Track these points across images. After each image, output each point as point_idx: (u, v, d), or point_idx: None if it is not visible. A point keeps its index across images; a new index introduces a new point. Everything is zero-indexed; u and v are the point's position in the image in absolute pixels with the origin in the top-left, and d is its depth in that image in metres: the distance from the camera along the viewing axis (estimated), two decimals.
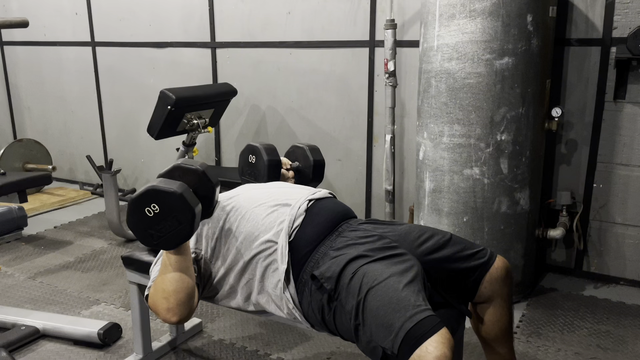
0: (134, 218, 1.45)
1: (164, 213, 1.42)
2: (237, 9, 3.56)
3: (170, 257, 1.48)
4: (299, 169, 2.08)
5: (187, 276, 1.49)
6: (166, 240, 1.45)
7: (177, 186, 1.43)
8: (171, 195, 1.42)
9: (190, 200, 1.43)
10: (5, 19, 3.23)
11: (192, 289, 1.50)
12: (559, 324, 2.41)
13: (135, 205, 1.44)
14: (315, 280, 1.44)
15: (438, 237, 1.56)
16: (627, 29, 2.53)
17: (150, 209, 1.43)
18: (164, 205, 1.42)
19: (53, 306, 2.61)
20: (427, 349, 1.17)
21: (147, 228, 1.44)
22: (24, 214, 3.44)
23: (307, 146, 2.08)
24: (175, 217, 1.42)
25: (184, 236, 1.44)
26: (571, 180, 2.81)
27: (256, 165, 1.96)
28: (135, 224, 1.46)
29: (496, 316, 1.57)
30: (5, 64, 4.90)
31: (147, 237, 1.46)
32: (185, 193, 1.43)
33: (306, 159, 2.07)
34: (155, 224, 1.43)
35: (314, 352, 2.21)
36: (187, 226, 1.43)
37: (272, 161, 1.94)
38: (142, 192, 1.43)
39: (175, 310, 1.48)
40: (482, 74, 2.31)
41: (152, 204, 1.42)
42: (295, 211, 1.56)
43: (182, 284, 1.47)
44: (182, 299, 1.47)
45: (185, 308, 1.49)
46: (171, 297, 1.47)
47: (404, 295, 1.27)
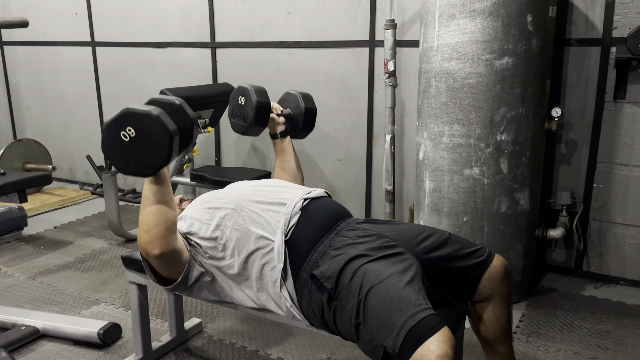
0: (109, 144, 1.40)
1: (140, 136, 1.37)
2: (237, 9, 3.56)
3: (150, 187, 1.45)
4: (290, 115, 2.05)
5: (167, 209, 1.45)
6: (144, 166, 1.40)
7: (153, 108, 1.39)
8: (147, 116, 1.36)
9: (166, 122, 1.37)
10: (5, 19, 3.23)
11: (172, 222, 1.47)
12: (559, 324, 2.41)
13: (110, 130, 1.39)
14: (315, 280, 1.44)
15: (437, 236, 1.56)
16: (627, 29, 2.53)
17: (126, 133, 1.38)
18: (140, 128, 1.37)
19: (53, 306, 2.61)
20: (429, 348, 1.18)
21: (125, 154, 1.39)
22: (24, 214, 3.44)
23: (299, 93, 2.06)
24: (151, 140, 1.37)
25: (161, 160, 1.39)
26: (571, 180, 2.81)
27: (245, 106, 1.91)
28: (112, 150, 1.40)
29: (495, 315, 1.57)
30: (5, 64, 4.90)
31: (124, 164, 1.40)
32: (161, 115, 1.38)
33: (298, 106, 2.04)
34: (132, 148, 1.38)
35: (313, 352, 2.21)
36: (164, 149, 1.37)
37: (261, 103, 1.89)
38: (117, 116, 1.38)
39: (155, 243, 1.44)
40: (482, 74, 2.31)
41: (127, 127, 1.37)
42: (291, 210, 1.56)
43: (161, 217, 1.44)
44: (162, 232, 1.44)
45: (165, 241, 1.45)
46: (152, 230, 1.44)
47: (405, 294, 1.27)
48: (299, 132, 2.09)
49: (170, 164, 1.47)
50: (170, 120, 1.40)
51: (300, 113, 2.04)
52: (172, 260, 1.50)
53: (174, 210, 1.49)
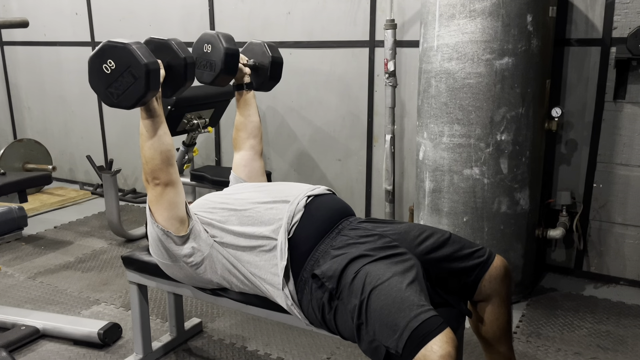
0: (93, 77, 1.48)
1: (119, 68, 1.44)
2: (237, 9, 3.56)
3: (143, 122, 1.53)
4: (256, 66, 1.98)
5: (160, 142, 1.53)
6: (125, 97, 1.47)
7: (132, 42, 1.45)
8: (124, 49, 1.43)
9: (143, 55, 1.43)
10: (5, 19, 3.24)
11: (168, 154, 1.54)
12: (559, 324, 2.41)
13: (93, 63, 1.47)
14: (316, 279, 1.44)
15: (437, 236, 1.56)
16: (627, 29, 2.53)
17: (107, 66, 1.45)
18: (119, 60, 1.44)
19: (53, 306, 2.61)
20: (432, 348, 1.18)
21: (107, 86, 1.47)
22: (24, 214, 3.43)
23: (264, 43, 1.99)
24: (130, 72, 1.43)
25: (140, 91, 1.45)
26: (571, 180, 2.81)
27: (212, 54, 1.83)
28: (96, 83, 1.49)
29: (495, 315, 1.57)
30: (5, 64, 4.90)
31: (108, 96, 1.48)
32: (138, 48, 1.44)
33: (264, 56, 1.97)
34: (114, 80, 1.46)
35: (314, 352, 2.21)
36: (142, 80, 1.43)
37: (230, 49, 1.82)
38: (98, 49, 1.46)
39: (154, 174, 1.53)
40: (482, 74, 2.31)
41: (108, 59, 1.45)
42: (294, 207, 1.56)
43: (155, 150, 1.52)
44: (158, 164, 1.52)
45: (163, 172, 1.53)
46: (149, 162, 1.53)
47: (408, 295, 1.28)
48: (265, 84, 2.01)
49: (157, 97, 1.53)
50: (150, 54, 1.47)
51: (267, 63, 1.97)
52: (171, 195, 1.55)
53: (169, 143, 1.55)
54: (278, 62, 2.00)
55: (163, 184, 1.54)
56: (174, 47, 1.55)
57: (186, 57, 1.56)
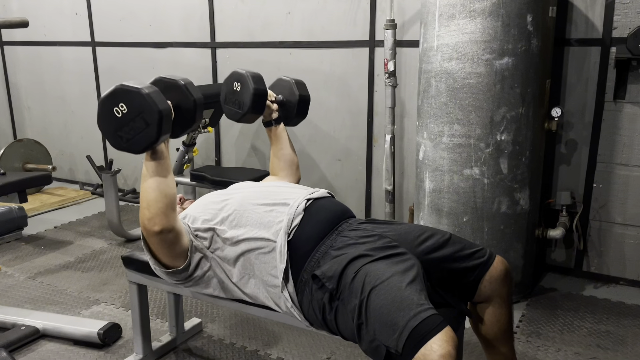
0: (103, 119, 1.44)
1: (131, 113, 1.40)
2: (237, 9, 3.56)
3: (148, 164, 1.47)
4: (284, 102, 2.01)
5: (166, 185, 1.47)
6: (135, 142, 1.42)
7: (146, 86, 1.41)
8: (137, 94, 1.39)
9: (157, 101, 1.40)
10: (5, 19, 3.24)
11: (172, 199, 1.48)
12: (559, 324, 2.41)
13: (104, 105, 1.43)
14: (316, 280, 1.44)
15: (438, 237, 1.56)
16: (627, 29, 2.53)
17: (119, 109, 1.41)
18: (131, 105, 1.40)
19: (53, 306, 2.61)
20: (432, 348, 1.18)
21: (117, 129, 1.43)
22: (24, 214, 3.44)
23: (293, 80, 2.01)
24: (142, 118, 1.39)
25: (151, 138, 1.41)
26: (571, 180, 2.81)
27: (241, 93, 1.87)
28: (105, 125, 1.44)
29: (496, 316, 1.57)
30: (5, 64, 4.90)
31: (117, 139, 1.44)
32: (152, 93, 1.40)
33: (292, 94, 2.00)
34: (124, 124, 1.41)
35: (314, 352, 2.21)
36: (154, 127, 1.40)
37: (258, 90, 1.85)
38: (110, 92, 1.42)
39: (155, 220, 1.45)
40: (482, 74, 2.31)
41: (120, 103, 1.41)
42: (294, 210, 1.56)
43: (160, 193, 1.45)
44: (162, 209, 1.45)
45: (166, 218, 1.46)
46: (152, 206, 1.45)
47: (407, 294, 1.28)
48: (292, 120, 2.04)
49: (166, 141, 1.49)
50: (163, 99, 1.43)
51: (294, 100, 1.99)
52: (172, 239, 1.50)
53: (172, 186, 1.50)
54: (305, 99, 2.02)
55: (166, 231, 1.47)
56: (184, 89, 1.51)
57: (196, 100, 1.53)
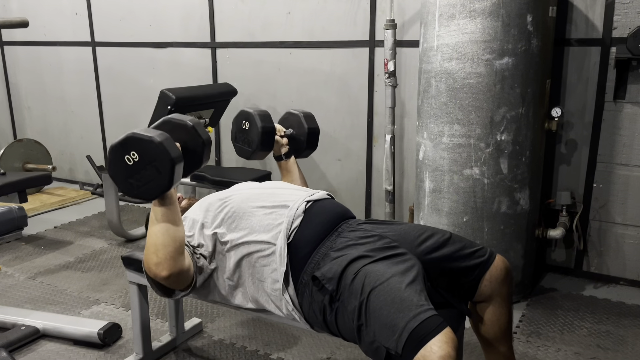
0: (114, 166, 1.44)
1: (143, 161, 1.40)
2: (237, 9, 3.56)
3: (157, 209, 1.46)
4: (293, 136, 2.04)
5: (175, 230, 1.46)
6: (146, 190, 1.42)
7: (158, 134, 1.41)
8: (150, 143, 1.39)
9: (169, 149, 1.40)
10: (5, 19, 3.24)
11: (181, 243, 1.47)
12: (559, 324, 2.41)
13: (115, 153, 1.42)
14: (316, 282, 1.44)
15: (438, 236, 1.56)
16: (627, 29, 2.53)
17: (130, 157, 1.41)
18: (143, 154, 1.40)
19: (53, 306, 2.61)
20: (432, 349, 1.17)
21: (128, 177, 1.42)
22: (24, 214, 3.44)
23: (301, 113, 2.04)
24: (154, 166, 1.39)
25: (163, 186, 1.41)
26: (571, 180, 2.81)
27: (250, 131, 1.91)
28: (116, 173, 1.44)
29: (496, 315, 1.57)
30: (5, 64, 4.90)
31: (128, 186, 1.44)
32: (165, 142, 1.40)
33: (300, 127, 2.03)
34: (136, 172, 1.41)
35: (314, 352, 2.21)
36: (166, 176, 1.40)
37: (266, 128, 1.89)
38: (122, 140, 1.41)
39: (164, 265, 1.44)
40: (482, 74, 2.31)
41: (131, 151, 1.40)
42: (294, 212, 1.56)
43: (169, 237, 1.44)
44: (171, 253, 1.44)
45: (174, 263, 1.45)
46: (160, 251, 1.44)
47: (407, 295, 1.27)
48: (302, 152, 2.08)
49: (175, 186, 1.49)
50: (175, 146, 1.43)
51: (304, 134, 2.03)
52: (179, 279, 1.50)
53: (182, 231, 1.49)
54: (315, 132, 2.06)
55: (175, 275, 1.46)
56: (193, 131, 1.51)
57: (204, 141, 1.53)
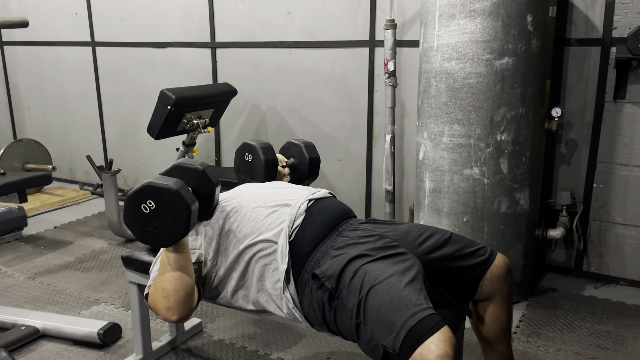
0: (130, 215, 1.46)
1: (160, 209, 1.42)
2: (237, 9, 3.56)
3: (169, 255, 1.48)
4: (295, 165, 2.07)
5: (186, 275, 1.49)
6: (163, 237, 1.45)
7: (173, 182, 1.44)
8: (167, 191, 1.42)
9: (186, 197, 1.43)
10: (5, 19, 3.23)
11: (192, 287, 1.51)
12: (559, 324, 2.41)
13: (131, 202, 1.44)
14: (316, 279, 1.44)
15: (438, 236, 1.56)
16: (627, 29, 2.53)
17: (147, 205, 1.43)
18: (159, 202, 1.42)
19: (53, 306, 2.61)
20: (429, 348, 1.17)
21: (144, 225, 1.45)
22: (24, 214, 3.44)
23: (302, 143, 2.08)
24: (171, 214, 1.42)
25: (180, 233, 1.44)
26: (571, 180, 2.81)
27: (253, 164, 1.96)
28: (132, 221, 1.46)
29: (496, 314, 1.57)
30: (5, 64, 4.90)
31: (144, 234, 1.46)
32: (181, 189, 1.43)
33: (302, 156, 2.06)
34: (152, 220, 1.44)
35: (314, 352, 2.21)
36: (183, 223, 1.43)
37: (269, 160, 1.94)
38: (138, 189, 1.44)
39: (175, 309, 1.48)
40: (482, 74, 2.31)
41: (148, 200, 1.43)
42: (296, 211, 1.56)
43: (181, 283, 1.48)
44: (182, 298, 1.48)
45: (185, 307, 1.49)
46: (171, 296, 1.47)
47: (406, 294, 1.28)
48: (303, 181, 2.10)
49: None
50: (190, 193, 1.47)
51: (305, 163, 2.06)
52: (188, 317, 1.55)
53: (192, 276, 1.52)
54: (316, 161, 2.09)
55: (185, 317, 1.51)
56: (203, 175, 1.54)
57: (214, 184, 1.56)
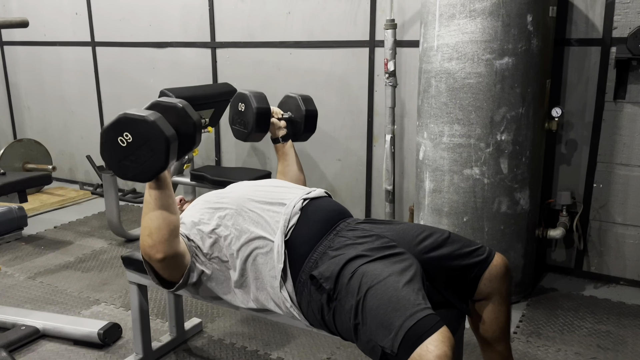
0: (107, 149, 1.41)
1: (137, 142, 1.37)
2: (237, 9, 3.56)
3: (152, 192, 1.45)
4: (291, 119, 2.05)
5: (169, 213, 1.45)
6: (141, 171, 1.40)
7: (150, 114, 1.39)
8: (143, 122, 1.37)
9: (163, 128, 1.38)
10: (5, 19, 3.23)
11: (175, 225, 1.47)
12: (559, 324, 2.41)
13: (107, 135, 1.40)
14: (314, 280, 1.44)
15: (437, 236, 1.56)
16: (627, 29, 2.53)
17: (123, 138, 1.38)
18: (136, 134, 1.37)
19: (53, 306, 2.61)
20: (428, 348, 1.17)
21: (122, 159, 1.40)
22: (24, 214, 3.44)
23: (299, 96, 2.05)
24: (148, 146, 1.37)
25: (158, 166, 1.39)
26: (571, 180, 2.81)
27: (245, 113, 1.92)
28: (109, 156, 1.41)
29: (495, 314, 1.57)
30: (5, 64, 4.90)
31: (122, 169, 1.41)
32: (158, 120, 1.38)
33: (298, 109, 2.03)
34: (129, 154, 1.39)
35: (314, 352, 2.21)
36: (161, 155, 1.37)
37: (260, 109, 1.89)
38: (114, 121, 1.39)
39: (158, 247, 1.44)
40: (482, 74, 2.31)
41: (124, 132, 1.38)
42: (290, 210, 1.56)
43: (163, 221, 1.44)
44: (165, 236, 1.44)
45: (168, 246, 1.45)
46: (154, 234, 1.44)
47: (404, 294, 1.27)
48: (300, 135, 2.08)
49: (169, 168, 1.47)
50: (168, 125, 1.41)
51: (302, 116, 2.03)
52: (174, 263, 1.50)
53: (176, 213, 1.49)
54: (312, 114, 2.05)
55: (169, 257, 1.47)
56: (182, 112, 1.48)
57: (195, 122, 1.50)
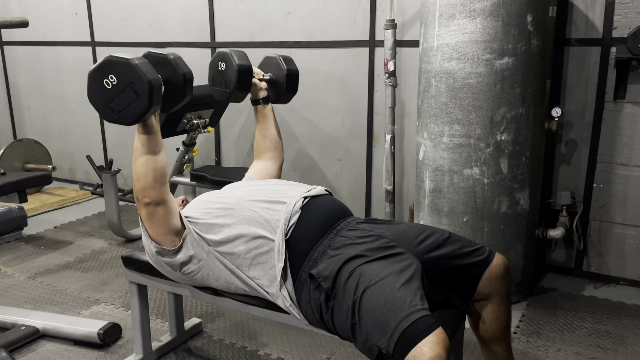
0: (93, 91, 1.45)
1: (121, 84, 1.41)
2: (237, 9, 3.56)
3: (140, 137, 1.48)
4: (272, 80, 2.01)
5: (155, 158, 1.48)
6: (125, 114, 1.43)
7: (135, 57, 1.42)
8: (127, 64, 1.40)
9: (146, 71, 1.41)
10: (5, 19, 3.23)
11: (161, 172, 1.49)
12: (559, 324, 2.41)
13: (94, 77, 1.44)
14: (313, 280, 1.45)
15: (437, 236, 1.56)
16: (627, 29, 2.53)
17: (109, 81, 1.42)
18: (121, 76, 1.41)
19: (53, 306, 2.61)
20: (422, 350, 1.17)
21: (107, 102, 1.43)
22: (24, 214, 3.44)
23: (280, 56, 2.01)
24: (132, 89, 1.40)
25: (142, 108, 1.42)
26: (571, 180, 2.81)
27: (226, 72, 1.87)
28: (96, 97, 1.45)
29: (495, 314, 1.57)
30: (5, 64, 4.90)
31: (108, 111, 1.45)
32: (141, 64, 1.41)
33: (279, 69, 1.99)
34: (114, 96, 1.42)
35: (314, 352, 2.21)
36: (145, 98, 1.40)
37: (242, 66, 1.85)
38: (99, 63, 1.43)
39: (145, 192, 1.48)
40: (482, 74, 2.31)
41: (110, 75, 1.41)
42: (291, 209, 1.56)
43: (148, 167, 1.47)
44: (150, 182, 1.47)
45: (154, 191, 1.48)
46: (141, 179, 1.48)
47: (400, 295, 1.28)
48: (283, 97, 2.03)
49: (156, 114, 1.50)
50: (154, 70, 1.44)
51: (283, 76, 1.98)
52: (161, 214, 1.51)
53: (163, 161, 1.51)
54: (293, 74, 2.00)
55: (154, 203, 1.49)
56: (173, 63, 1.52)
57: (185, 73, 1.54)
